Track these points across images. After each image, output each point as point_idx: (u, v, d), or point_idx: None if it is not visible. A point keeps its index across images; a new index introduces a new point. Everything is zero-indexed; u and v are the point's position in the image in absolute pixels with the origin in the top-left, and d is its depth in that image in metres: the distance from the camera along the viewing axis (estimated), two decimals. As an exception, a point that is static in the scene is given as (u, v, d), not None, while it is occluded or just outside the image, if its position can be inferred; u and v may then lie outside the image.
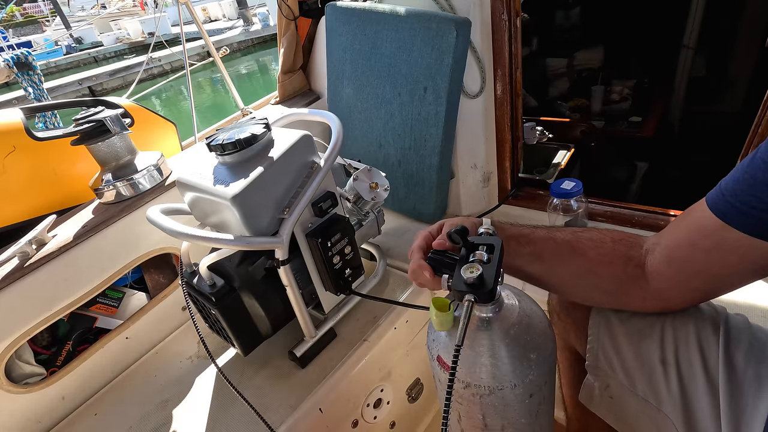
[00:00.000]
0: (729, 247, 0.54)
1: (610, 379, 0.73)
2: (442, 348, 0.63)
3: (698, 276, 0.59)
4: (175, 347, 1.14)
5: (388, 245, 1.24)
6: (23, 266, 0.92)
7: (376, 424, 1.06)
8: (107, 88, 11.34)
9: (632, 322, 0.71)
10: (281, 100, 1.62)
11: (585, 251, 0.68)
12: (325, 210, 0.89)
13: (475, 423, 0.64)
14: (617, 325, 0.72)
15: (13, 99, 8.03)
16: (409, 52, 1.16)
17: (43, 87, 1.82)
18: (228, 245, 0.80)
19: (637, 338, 0.70)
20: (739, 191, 0.52)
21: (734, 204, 0.53)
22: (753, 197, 0.50)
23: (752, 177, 0.50)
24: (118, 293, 1.16)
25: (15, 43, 14.39)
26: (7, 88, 9.92)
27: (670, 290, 0.64)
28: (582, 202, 1.12)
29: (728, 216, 0.53)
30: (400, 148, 1.27)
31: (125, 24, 15.75)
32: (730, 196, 0.53)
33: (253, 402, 0.85)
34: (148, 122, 1.31)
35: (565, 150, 1.76)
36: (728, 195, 0.53)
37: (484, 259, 0.56)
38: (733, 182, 0.53)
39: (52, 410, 1.00)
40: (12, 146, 1.08)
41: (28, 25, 21.06)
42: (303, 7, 1.51)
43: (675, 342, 0.67)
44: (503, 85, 1.19)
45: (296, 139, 0.83)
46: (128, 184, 1.07)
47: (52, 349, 1.07)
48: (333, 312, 1.01)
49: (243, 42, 13.80)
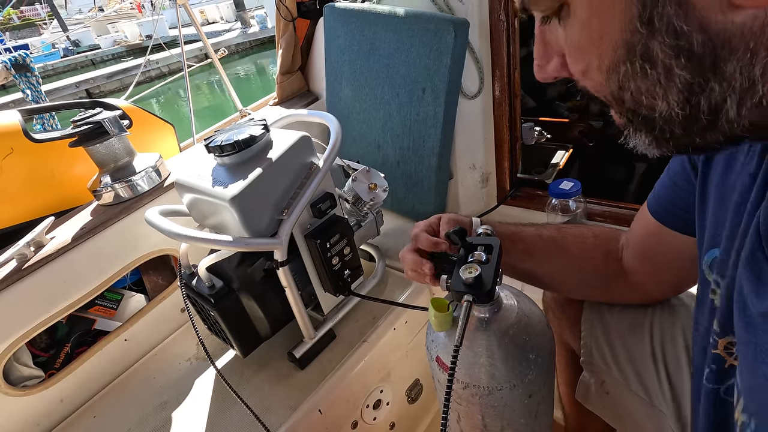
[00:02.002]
0: (668, 243, 0.59)
1: (605, 375, 0.74)
2: (441, 348, 0.63)
3: (666, 270, 0.63)
4: (174, 349, 1.14)
5: (387, 246, 1.24)
6: (21, 268, 0.91)
7: (375, 425, 1.06)
8: (105, 91, 11.31)
9: (622, 317, 0.73)
10: (280, 101, 1.62)
11: (569, 248, 0.70)
12: (324, 211, 0.89)
13: (474, 423, 0.64)
14: (609, 321, 0.73)
15: (11, 102, 8.02)
16: (408, 53, 1.16)
17: (41, 89, 1.82)
18: (227, 246, 0.80)
19: (628, 333, 0.71)
20: (667, 194, 0.57)
21: (665, 206, 0.58)
22: (677, 199, 0.56)
23: (674, 183, 0.56)
24: (117, 295, 1.15)
25: (12, 46, 14.36)
26: (5, 90, 9.91)
27: (646, 284, 0.67)
28: (580, 202, 1.12)
29: (662, 217, 0.59)
30: (398, 148, 1.27)
31: (123, 27, 15.74)
32: (662, 198, 0.58)
33: (253, 403, 0.85)
34: (147, 124, 1.30)
35: (564, 150, 1.76)
36: (660, 197, 0.59)
37: (483, 260, 0.56)
38: (661, 186, 0.59)
39: (50, 413, 1.00)
40: (10, 148, 1.07)
41: (26, 28, 21.03)
42: (301, 8, 1.51)
43: (662, 337, 0.68)
44: (501, 86, 1.19)
45: (295, 140, 0.84)
46: (126, 185, 1.07)
47: (50, 351, 1.07)
48: (332, 313, 1.01)
49: (241, 44, 13.80)
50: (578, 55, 0.36)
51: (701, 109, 0.32)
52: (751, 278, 0.37)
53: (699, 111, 0.32)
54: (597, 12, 0.32)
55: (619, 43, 0.32)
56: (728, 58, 0.29)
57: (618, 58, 0.33)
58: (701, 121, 0.32)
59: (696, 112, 0.32)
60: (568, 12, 0.34)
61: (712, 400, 0.46)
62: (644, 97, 0.33)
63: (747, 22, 0.28)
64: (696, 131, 0.33)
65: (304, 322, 0.93)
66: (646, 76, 0.32)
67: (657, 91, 0.32)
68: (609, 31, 0.32)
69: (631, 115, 0.36)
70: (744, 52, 0.28)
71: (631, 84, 0.33)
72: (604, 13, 0.32)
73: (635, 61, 0.32)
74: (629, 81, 0.33)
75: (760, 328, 0.36)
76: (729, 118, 0.31)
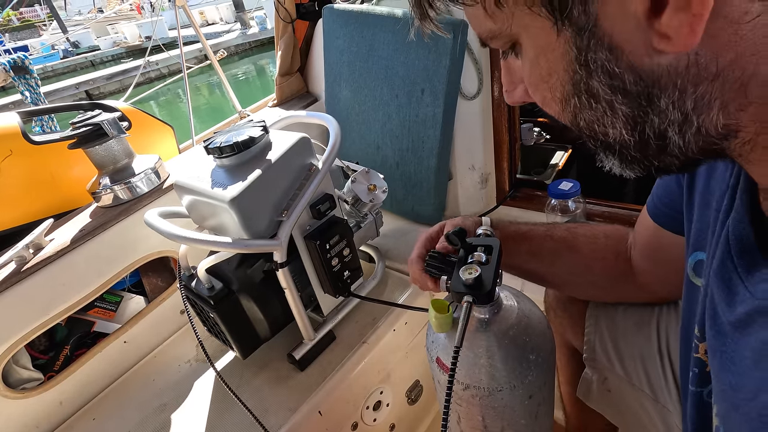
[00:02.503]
0: (668, 244, 0.59)
1: (607, 372, 0.74)
2: (441, 350, 0.63)
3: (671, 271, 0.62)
4: (174, 351, 1.14)
5: (386, 247, 1.24)
6: (20, 270, 0.91)
7: (375, 427, 1.06)
8: (104, 92, 11.31)
9: (628, 314, 0.73)
10: (279, 102, 1.62)
11: (580, 248, 0.70)
12: (324, 212, 0.89)
13: (474, 425, 0.64)
14: (614, 318, 0.74)
15: (10, 103, 8.01)
16: (407, 54, 1.16)
17: (39, 91, 1.82)
18: (226, 248, 0.79)
19: (635, 329, 0.71)
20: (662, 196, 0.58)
21: (660, 208, 0.59)
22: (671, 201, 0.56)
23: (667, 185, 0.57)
24: (116, 297, 1.15)
25: (12, 47, 14.37)
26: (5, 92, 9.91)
27: (653, 284, 0.67)
28: (580, 202, 1.12)
29: (659, 219, 0.59)
30: (398, 149, 1.27)
31: (122, 28, 15.74)
32: (658, 200, 0.59)
33: (252, 405, 0.85)
34: (146, 125, 1.30)
35: (563, 151, 1.76)
36: (656, 199, 0.60)
37: (483, 260, 0.56)
38: (657, 188, 0.60)
39: (49, 415, 1.00)
40: (9, 150, 1.07)
41: (25, 30, 21.05)
42: (300, 9, 1.51)
43: (668, 334, 0.68)
44: (500, 87, 1.19)
45: (294, 141, 0.83)
46: (126, 187, 1.07)
47: (49, 353, 1.07)
48: (332, 314, 1.01)
49: (240, 45, 13.80)
50: (534, 89, 0.38)
51: (648, 135, 0.34)
52: (722, 287, 0.38)
53: (647, 137, 0.34)
54: (543, 52, 0.34)
55: (566, 80, 0.34)
56: (659, 95, 0.31)
57: (567, 92, 0.35)
58: (652, 146, 0.34)
59: (645, 138, 0.34)
60: (521, 48, 0.37)
61: (695, 403, 0.47)
62: (596, 125, 0.36)
63: (672, 63, 0.30)
64: (651, 155, 0.35)
65: (303, 323, 0.93)
66: (592, 109, 0.34)
67: (606, 121, 0.35)
68: (555, 70, 0.34)
69: (592, 141, 0.38)
70: (673, 89, 0.31)
71: (582, 114, 0.36)
72: (549, 53, 0.34)
73: (581, 96, 0.34)
74: (580, 112, 0.36)
75: (729, 337, 0.37)
76: (676, 144, 0.33)
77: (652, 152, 0.35)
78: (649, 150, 0.35)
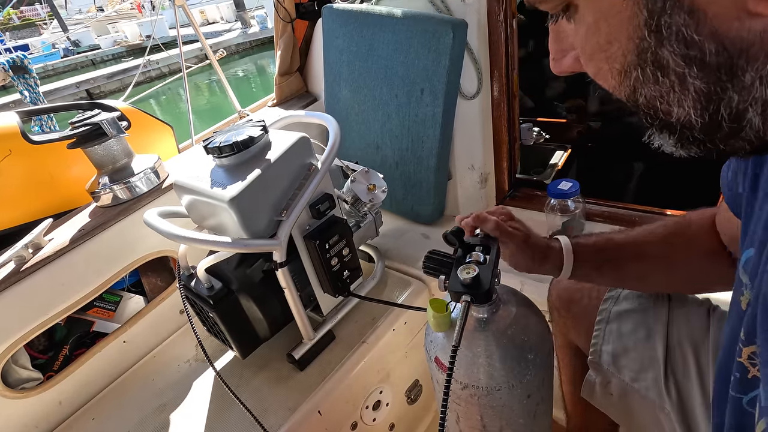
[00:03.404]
0: None
1: (611, 377, 0.73)
2: (439, 349, 0.63)
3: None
4: (173, 351, 1.14)
5: (386, 247, 1.24)
6: (19, 270, 0.91)
7: (375, 426, 1.06)
8: (105, 91, 11.30)
9: (638, 320, 0.72)
10: (278, 102, 1.62)
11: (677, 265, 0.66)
12: (323, 212, 0.89)
13: (473, 424, 0.64)
14: (622, 323, 0.73)
15: (10, 103, 8.01)
16: (406, 54, 1.16)
17: (39, 90, 1.81)
18: (226, 248, 0.79)
19: (644, 335, 0.70)
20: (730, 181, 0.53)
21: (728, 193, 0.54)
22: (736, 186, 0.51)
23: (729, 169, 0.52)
24: (116, 297, 1.15)
25: (12, 46, 14.37)
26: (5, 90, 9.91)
27: None
28: (579, 202, 1.12)
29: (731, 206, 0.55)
30: (397, 149, 1.27)
31: (122, 27, 15.73)
32: (726, 186, 0.54)
33: (252, 405, 0.85)
34: (145, 125, 1.30)
35: (562, 151, 1.76)
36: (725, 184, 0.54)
37: (481, 260, 0.56)
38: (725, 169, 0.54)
39: (49, 415, 1.00)
40: (8, 150, 1.07)
41: (26, 29, 21.03)
42: (300, 9, 1.51)
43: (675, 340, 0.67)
44: (500, 87, 1.19)
45: (293, 141, 0.83)
46: (125, 187, 1.07)
47: (49, 353, 1.07)
48: (331, 314, 1.01)
49: (241, 44, 13.79)
50: (588, 58, 0.34)
51: (721, 116, 0.29)
52: None
53: (720, 118, 0.29)
54: (604, 17, 0.30)
55: (629, 49, 0.30)
56: (746, 67, 0.27)
57: (629, 63, 0.31)
58: (723, 128, 0.30)
59: (716, 120, 0.30)
60: (576, 11, 0.33)
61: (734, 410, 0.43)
62: (658, 102, 0.31)
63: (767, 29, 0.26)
64: (719, 138, 0.31)
65: (303, 323, 0.93)
66: (658, 83, 0.30)
67: (672, 98, 0.30)
68: (617, 37, 0.30)
69: (650, 118, 0.34)
70: (764, 61, 0.26)
71: (644, 89, 0.31)
72: (612, 18, 0.30)
73: (646, 68, 0.30)
74: (642, 87, 0.31)
75: None
76: (754, 126, 0.29)
77: (722, 135, 0.30)
78: (719, 133, 0.30)
